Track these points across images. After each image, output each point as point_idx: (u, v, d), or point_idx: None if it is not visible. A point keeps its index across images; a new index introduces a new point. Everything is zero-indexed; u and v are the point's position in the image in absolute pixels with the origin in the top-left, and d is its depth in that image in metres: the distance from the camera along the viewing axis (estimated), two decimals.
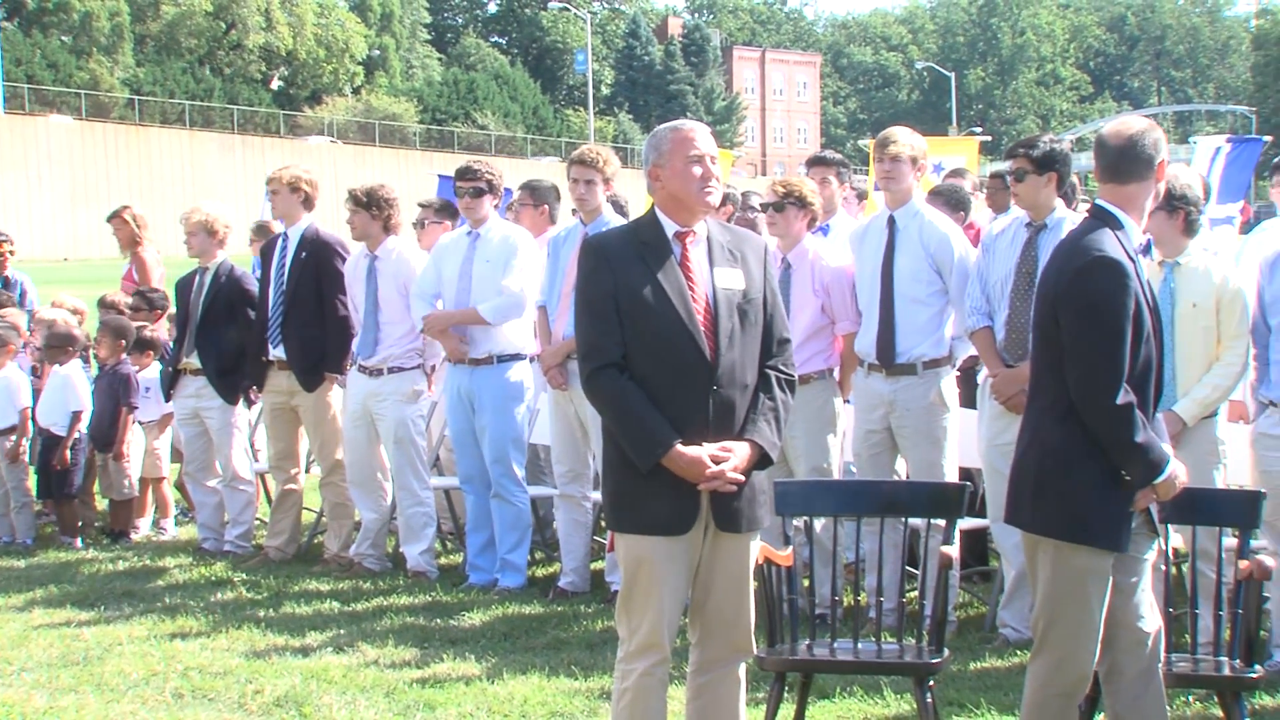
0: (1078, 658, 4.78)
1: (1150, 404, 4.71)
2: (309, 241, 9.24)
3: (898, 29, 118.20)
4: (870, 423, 7.61)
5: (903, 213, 7.55)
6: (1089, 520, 4.73)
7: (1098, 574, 4.74)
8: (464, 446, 8.76)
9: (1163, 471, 4.68)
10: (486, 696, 6.51)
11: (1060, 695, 4.81)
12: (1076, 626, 4.76)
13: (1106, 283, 4.66)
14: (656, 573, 4.75)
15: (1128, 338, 4.63)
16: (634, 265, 4.79)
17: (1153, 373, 4.71)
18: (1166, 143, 4.99)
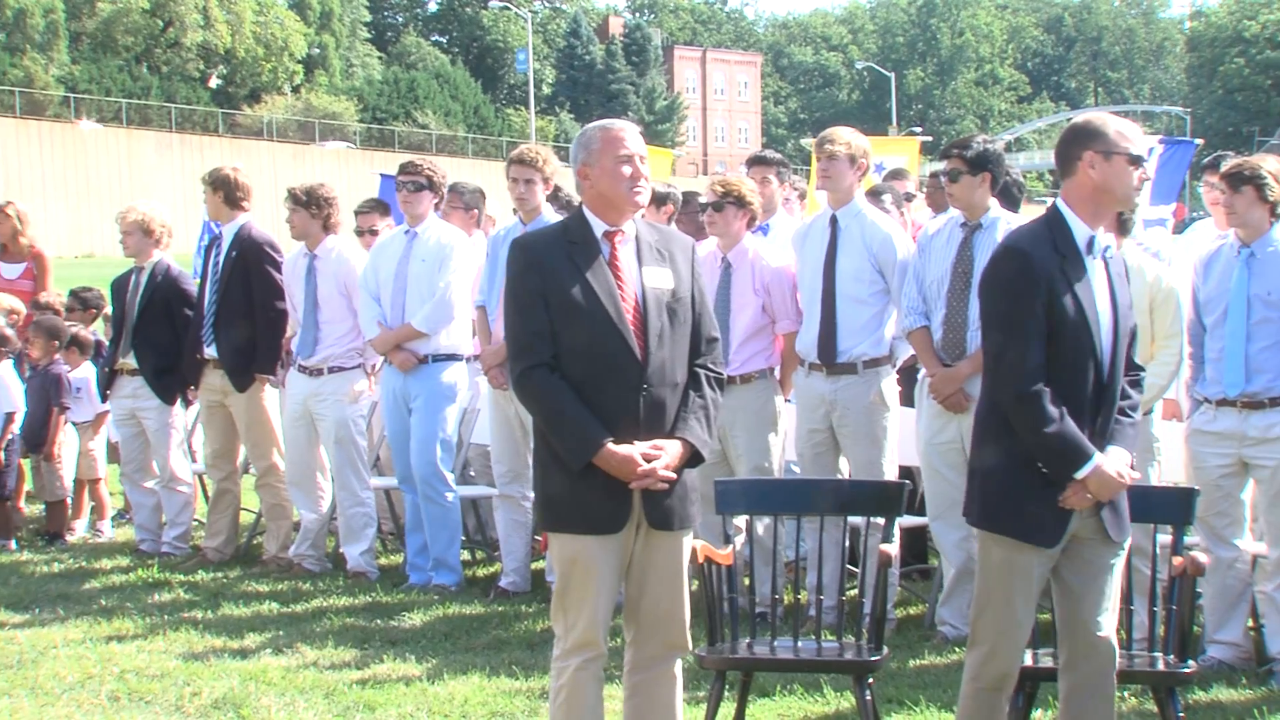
0: (1000, 652, 4.82)
1: (1088, 402, 4.70)
2: (241, 240, 9.19)
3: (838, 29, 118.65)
4: (812, 422, 7.63)
5: (845, 212, 7.58)
6: (1002, 511, 4.79)
7: (1018, 568, 4.76)
8: (401, 447, 8.73)
9: (1081, 467, 4.65)
10: (427, 697, 6.49)
11: (987, 689, 4.85)
12: (999, 620, 4.81)
13: (1006, 270, 4.73)
14: (590, 571, 4.77)
15: (1031, 328, 4.65)
16: (563, 264, 4.79)
17: (1088, 370, 4.69)
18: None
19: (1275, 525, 6.66)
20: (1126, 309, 4.79)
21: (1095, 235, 4.76)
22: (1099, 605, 4.81)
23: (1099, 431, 4.73)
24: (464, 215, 9.63)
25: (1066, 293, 4.67)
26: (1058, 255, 4.71)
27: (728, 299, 7.73)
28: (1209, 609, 6.86)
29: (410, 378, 8.60)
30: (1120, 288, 4.78)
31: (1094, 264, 4.74)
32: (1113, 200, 4.78)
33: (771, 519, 7.21)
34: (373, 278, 8.73)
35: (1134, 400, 4.84)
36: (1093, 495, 4.70)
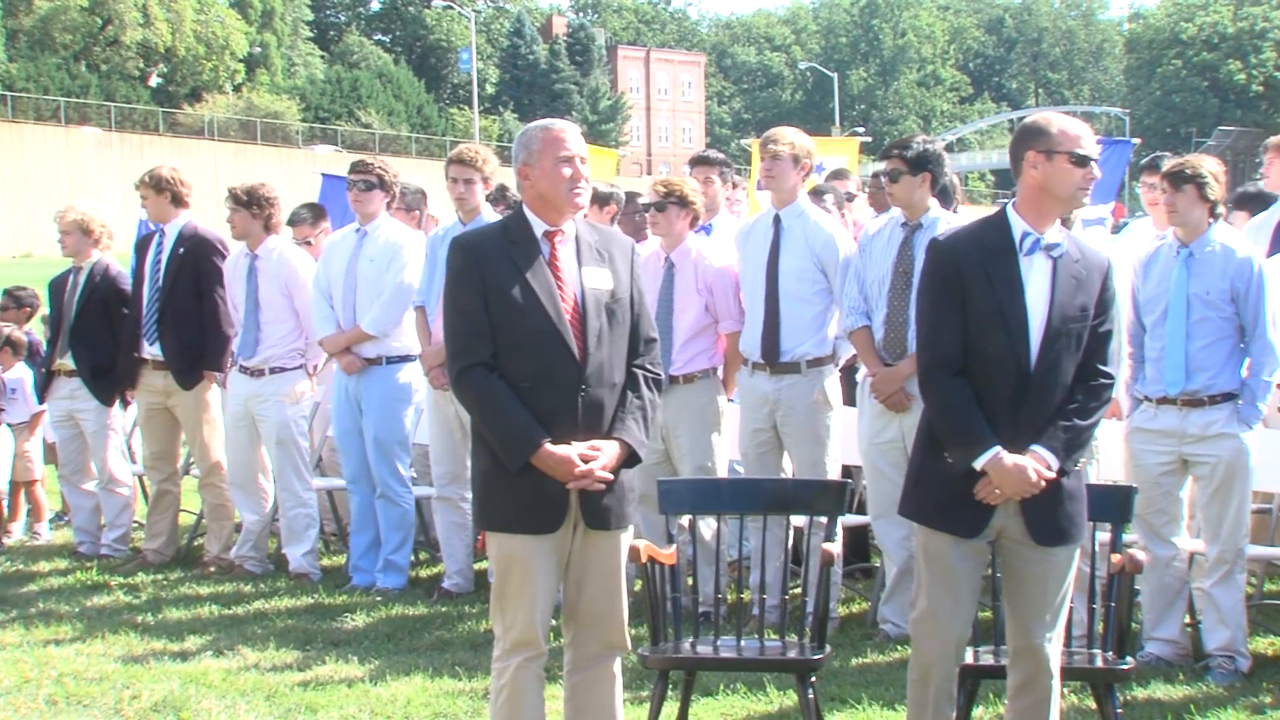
0: (923, 644, 4.88)
1: (1007, 397, 4.71)
2: (187, 238, 9.13)
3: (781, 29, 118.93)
4: (756, 421, 7.65)
5: (788, 212, 7.60)
6: (920, 498, 4.89)
7: (935, 555, 4.82)
8: (348, 447, 8.71)
9: (980, 457, 4.68)
10: (369, 698, 6.46)
11: (915, 681, 4.90)
12: (924, 609, 4.88)
13: (928, 265, 4.89)
14: (527, 570, 4.78)
15: (943, 317, 4.74)
16: (503, 264, 4.80)
17: (1009, 366, 4.70)
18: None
19: (1213, 523, 6.73)
20: (1076, 310, 4.76)
21: (1034, 234, 4.77)
22: (1033, 612, 4.81)
23: (1022, 428, 4.72)
24: (406, 216, 9.64)
25: (986, 289, 4.71)
26: (985, 252, 4.75)
27: (670, 299, 7.74)
28: (1147, 606, 6.92)
29: (365, 379, 8.59)
30: (1065, 287, 4.75)
31: (1032, 262, 4.76)
32: (1055, 200, 4.79)
33: (715, 518, 7.25)
34: (324, 277, 8.71)
35: (1086, 406, 4.79)
36: (1000, 490, 4.70)
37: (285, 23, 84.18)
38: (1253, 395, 6.68)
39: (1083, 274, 4.80)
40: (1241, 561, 6.76)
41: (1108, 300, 4.85)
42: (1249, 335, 6.68)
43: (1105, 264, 4.87)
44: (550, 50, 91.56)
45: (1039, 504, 4.75)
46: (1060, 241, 4.80)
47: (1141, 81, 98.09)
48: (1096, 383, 4.82)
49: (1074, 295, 4.77)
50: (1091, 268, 4.82)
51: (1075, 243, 4.88)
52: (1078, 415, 4.78)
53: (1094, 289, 4.81)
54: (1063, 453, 4.74)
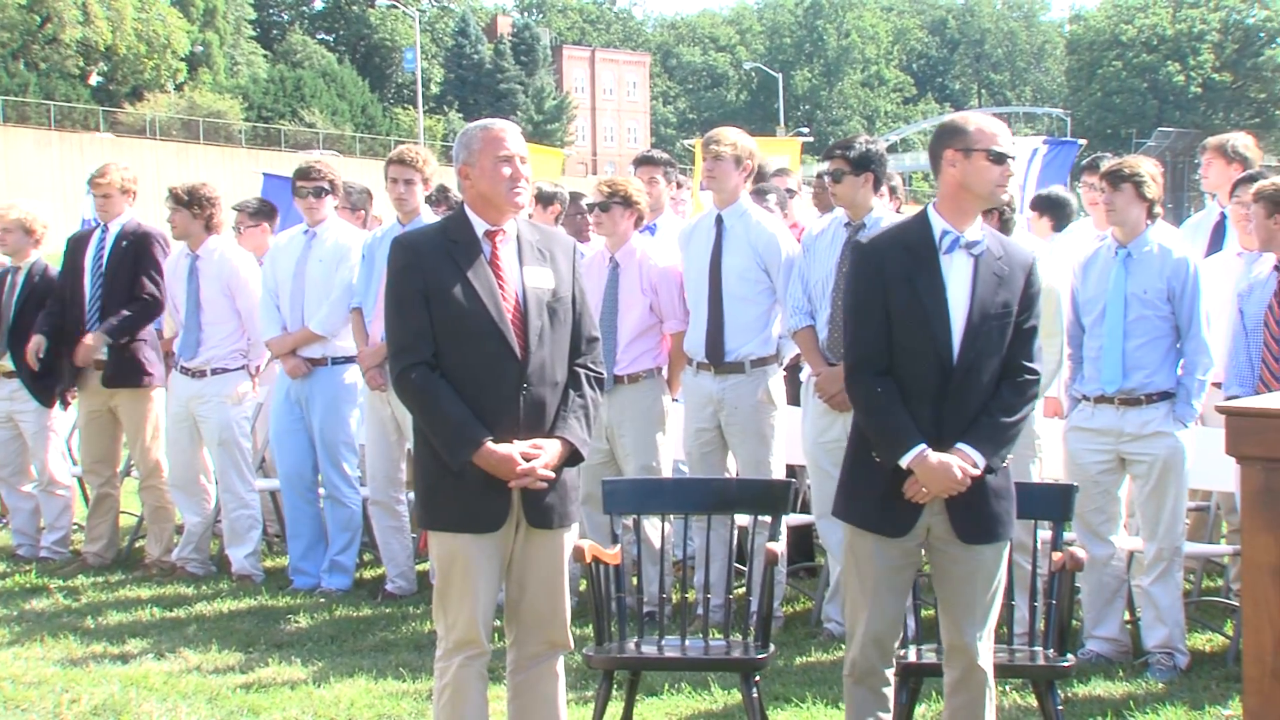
0: (851, 639, 4.91)
1: (931, 394, 4.73)
2: (130, 233, 9.07)
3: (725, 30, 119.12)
4: (700, 421, 7.66)
5: (730, 212, 7.62)
6: (848, 498, 4.92)
7: (862, 555, 4.85)
8: (284, 447, 8.68)
9: (905, 454, 4.70)
10: (312, 700, 6.43)
11: (848, 678, 4.93)
12: (849, 608, 4.93)
13: (852, 265, 5.02)
14: (469, 569, 4.78)
15: (867, 317, 4.79)
16: (444, 263, 4.80)
17: (931, 363, 4.72)
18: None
19: (1150, 521, 6.79)
20: (999, 307, 4.77)
21: (954, 232, 4.78)
22: (962, 610, 4.83)
23: (947, 426, 4.74)
24: (351, 215, 9.62)
25: (907, 287, 4.74)
26: (906, 251, 4.78)
27: (615, 298, 7.75)
28: (1087, 604, 6.97)
29: (310, 380, 8.57)
30: (986, 284, 4.76)
31: (953, 260, 4.78)
32: (973, 197, 4.81)
33: (660, 518, 7.25)
34: (271, 278, 8.67)
35: (1011, 402, 4.80)
36: (926, 489, 4.73)
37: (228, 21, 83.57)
38: (1188, 394, 6.75)
39: (1005, 271, 4.81)
40: (1179, 559, 6.83)
41: (1032, 296, 4.86)
42: (1184, 335, 6.75)
43: (1029, 260, 4.89)
44: (495, 50, 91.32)
45: (965, 502, 4.76)
46: (980, 239, 4.81)
47: (1082, 83, 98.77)
48: (1022, 379, 4.83)
49: (996, 292, 4.78)
50: (1014, 264, 4.84)
51: (998, 240, 4.89)
52: (1003, 412, 4.78)
53: (1017, 285, 4.82)
54: (988, 449, 4.75)
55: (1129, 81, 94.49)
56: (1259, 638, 3.87)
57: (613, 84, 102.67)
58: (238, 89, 76.07)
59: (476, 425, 4.73)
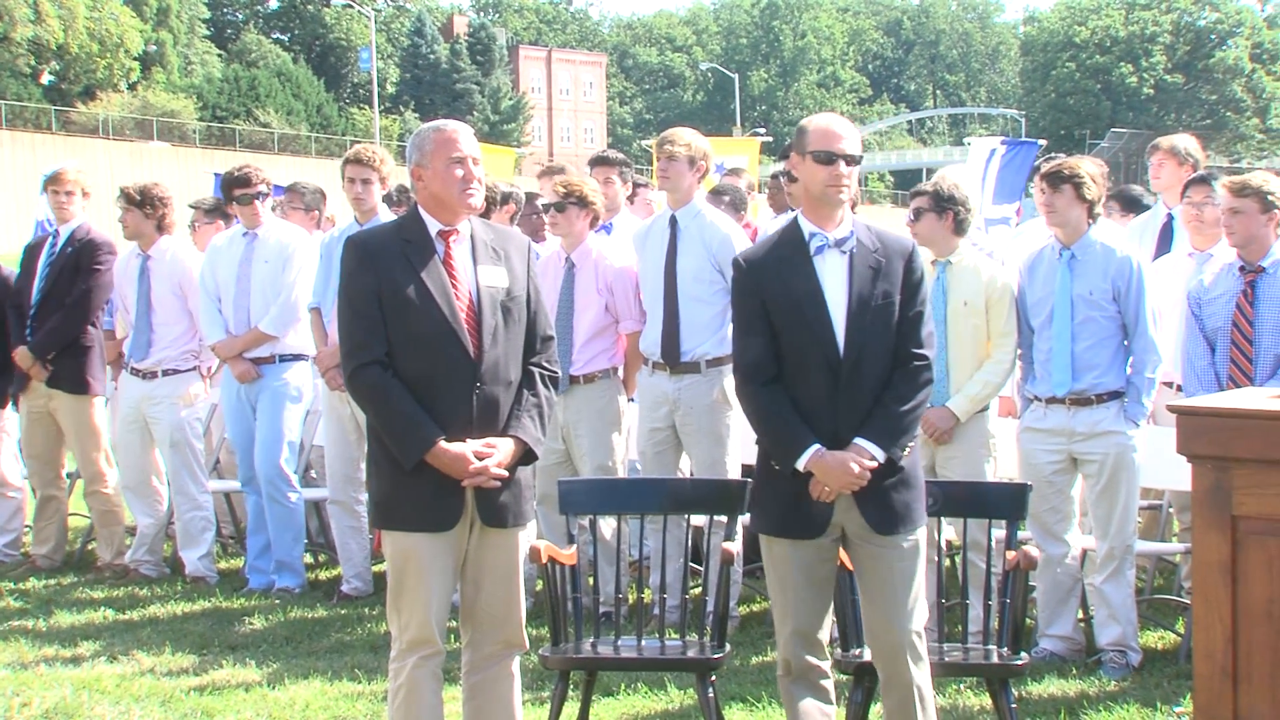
0: (779, 638, 4.92)
1: (823, 392, 4.75)
2: (78, 239, 9.00)
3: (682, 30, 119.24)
4: (655, 421, 7.67)
5: (684, 213, 7.63)
6: (759, 507, 4.97)
7: (780, 560, 4.88)
8: (244, 448, 8.64)
9: (800, 456, 4.72)
10: (267, 702, 6.40)
11: (780, 675, 4.96)
12: (775, 609, 4.95)
13: (732, 277, 5.00)
14: (423, 568, 4.78)
15: (748, 326, 4.84)
16: (397, 263, 4.80)
17: (819, 362, 4.75)
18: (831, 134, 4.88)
19: (1102, 520, 6.84)
20: (878, 297, 4.77)
21: (820, 233, 4.81)
22: (883, 604, 4.83)
23: (842, 422, 4.76)
24: (304, 216, 9.61)
25: (781, 289, 4.79)
26: (780, 261, 4.83)
27: (571, 299, 7.74)
28: (1041, 603, 7.01)
29: (257, 379, 8.50)
30: (863, 278, 4.78)
31: (825, 260, 4.81)
32: (812, 199, 4.86)
33: (616, 518, 7.25)
34: (211, 280, 8.61)
35: (901, 391, 4.79)
36: (827, 487, 4.74)
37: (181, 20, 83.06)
38: (1137, 393, 6.80)
39: (881, 262, 4.83)
40: (1131, 557, 6.87)
41: (915, 283, 4.86)
42: (1131, 334, 6.79)
43: (908, 248, 4.90)
44: (451, 50, 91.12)
45: (873, 494, 4.78)
46: (849, 235, 4.83)
47: (1037, 84, 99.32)
48: (913, 366, 4.83)
49: (874, 284, 4.79)
50: (892, 254, 4.85)
51: (873, 233, 4.89)
52: (897, 401, 4.80)
53: (897, 274, 4.83)
54: (886, 441, 4.76)
55: (1083, 83, 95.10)
56: (1209, 635, 3.90)
57: (569, 84, 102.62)
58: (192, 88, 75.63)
59: (429, 424, 4.73)
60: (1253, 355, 6.63)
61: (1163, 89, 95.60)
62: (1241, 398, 4.63)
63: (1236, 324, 6.67)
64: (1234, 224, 6.70)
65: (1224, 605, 3.87)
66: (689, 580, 7.58)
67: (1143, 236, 8.57)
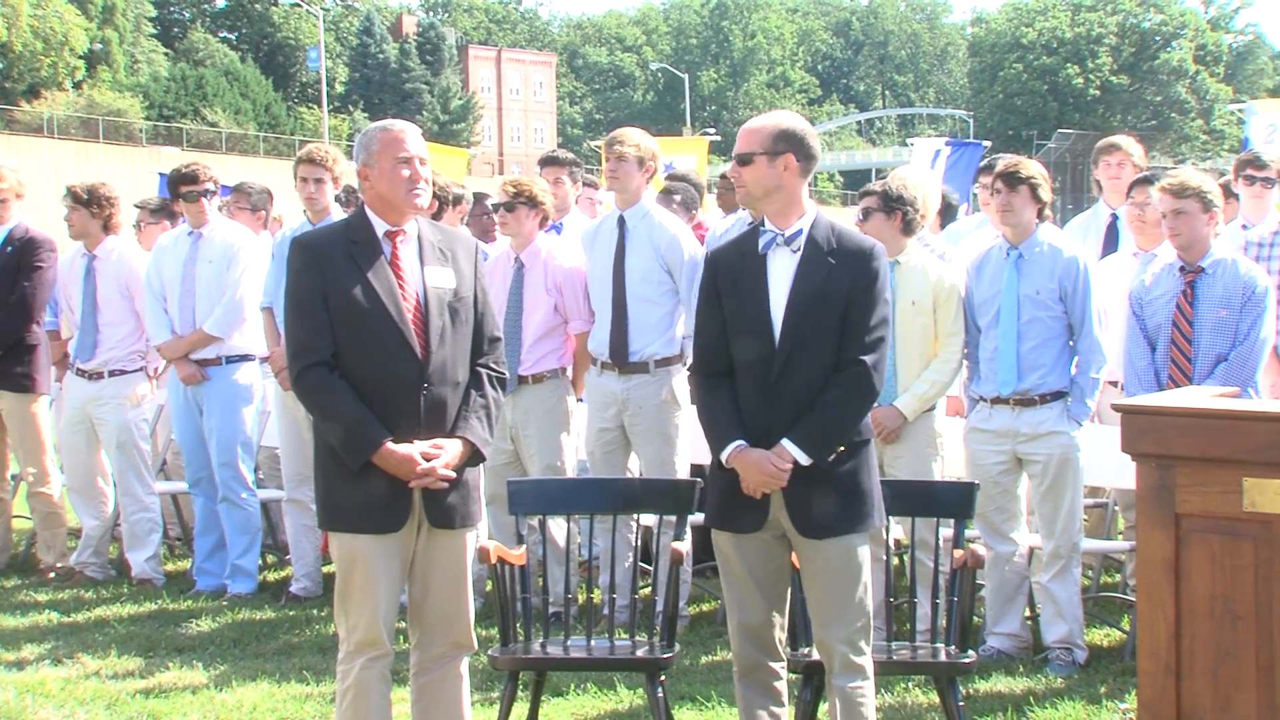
0: (733, 640, 4.92)
1: (761, 390, 4.76)
2: (16, 238, 8.91)
3: (632, 30, 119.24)
4: (603, 421, 7.67)
5: (632, 213, 7.63)
6: (708, 497, 5.01)
7: (723, 553, 4.92)
8: (191, 449, 8.59)
9: (723, 450, 4.78)
10: (214, 705, 6.37)
11: (736, 675, 4.96)
12: (727, 606, 4.94)
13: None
14: (371, 570, 4.76)
15: (701, 320, 4.93)
16: (344, 264, 4.79)
17: (758, 359, 4.76)
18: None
19: (1048, 519, 6.88)
20: (821, 299, 4.74)
21: (773, 230, 4.84)
22: (815, 605, 4.85)
23: (778, 420, 4.74)
24: (250, 216, 9.57)
25: (730, 287, 4.84)
26: (738, 257, 4.89)
27: (520, 299, 7.74)
28: (989, 601, 7.05)
29: (204, 381, 8.45)
30: (808, 277, 4.76)
31: (774, 257, 4.82)
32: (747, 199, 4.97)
33: (565, 518, 7.25)
34: (156, 280, 8.55)
35: (837, 394, 4.73)
36: (747, 483, 4.77)
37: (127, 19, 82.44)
38: (1082, 393, 6.85)
39: (834, 262, 4.78)
40: (1077, 555, 6.92)
41: (868, 285, 4.78)
42: (1077, 334, 6.84)
43: (866, 249, 4.83)
44: (400, 49, 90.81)
45: (799, 497, 4.75)
46: (800, 232, 4.81)
47: (985, 84, 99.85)
48: (850, 371, 4.75)
49: (822, 283, 4.75)
50: (848, 255, 4.79)
51: (834, 232, 4.85)
52: (829, 405, 4.74)
53: (849, 275, 4.76)
54: (810, 444, 4.71)
55: (1030, 84, 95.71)
56: (1153, 632, 3.94)
57: (519, 84, 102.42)
58: (138, 87, 75.08)
59: (376, 425, 4.72)
60: (1192, 355, 6.69)
61: (1109, 90, 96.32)
62: (1185, 396, 4.68)
63: (1176, 324, 6.73)
64: (1178, 225, 6.73)
65: (1167, 602, 3.91)
66: (638, 580, 7.57)
67: (1086, 236, 8.63)
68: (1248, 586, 3.81)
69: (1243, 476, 3.80)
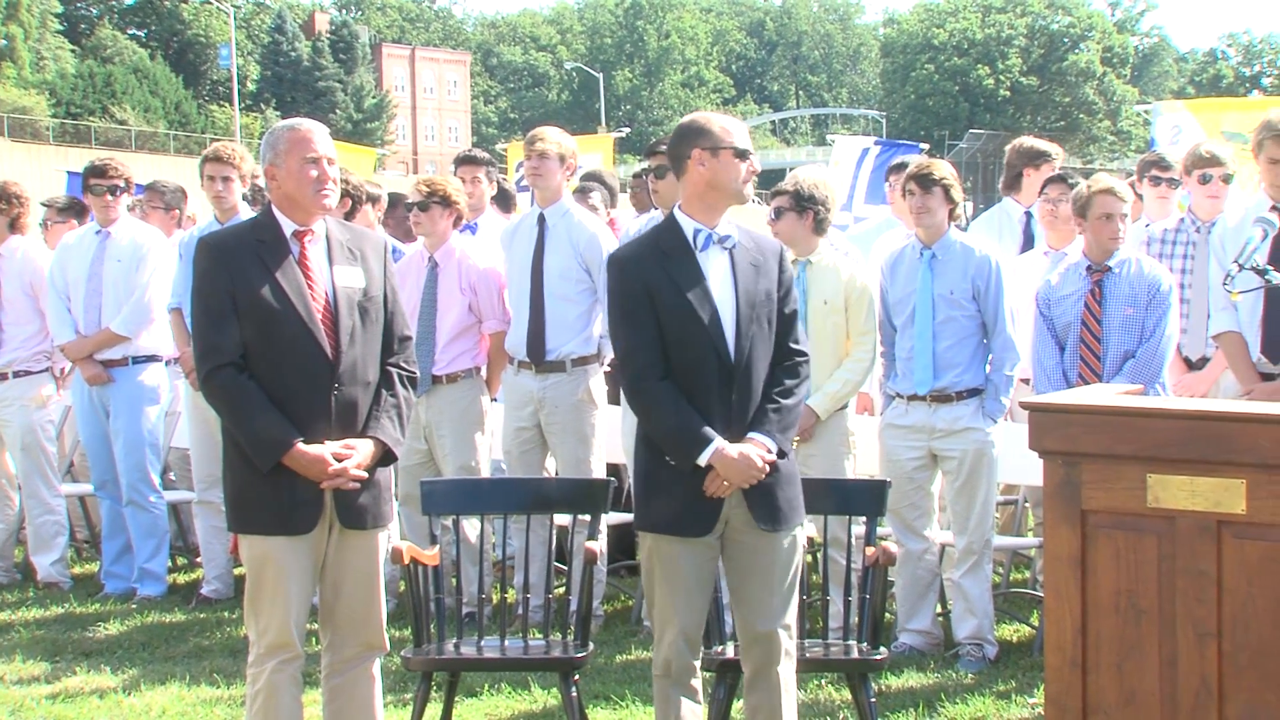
0: (663, 640, 4.87)
1: (715, 390, 4.75)
2: None
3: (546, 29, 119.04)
4: (520, 420, 7.66)
5: (552, 211, 7.62)
6: (642, 505, 4.88)
7: (667, 558, 4.82)
8: (97, 451, 8.48)
9: (702, 453, 4.71)
10: (122, 709, 6.29)
11: (659, 676, 4.92)
12: (657, 610, 4.89)
13: (609, 280, 4.91)
14: (281, 572, 4.73)
15: (632, 325, 4.78)
16: (251, 264, 4.74)
17: (710, 360, 4.74)
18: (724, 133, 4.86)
19: (961, 515, 6.95)
20: (761, 296, 4.82)
21: (706, 230, 4.82)
22: (762, 600, 4.85)
23: (735, 418, 4.78)
24: (164, 215, 9.47)
25: (670, 287, 4.77)
26: (665, 257, 4.81)
27: (434, 298, 7.71)
28: (901, 598, 7.11)
29: (110, 382, 8.35)
30: (746, 276, 4.81)
31: (709, 257, 4.82)
32: (723, 195, 4.85)
33: (479, 518, 7.23)
34: (61, 279, 8.45)
35: (788, 385, 4.85)
36: (728, 482, 4.75)
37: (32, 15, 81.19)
38: (995, 390, 6.93)
39: (760, 260, 4.87)
40: (988, 552, 6.99)
41: (788, 281, 4.92)
42: (990, 332, 6.92)
43: (777, 247, 4.97)
44: (313, 47, 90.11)
45: (760, 490, 4.79)
46: (732, 233, 4.85)
47: (897, 85, 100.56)
48: (792, 361, 4.90)
49: (756, 282, 4.83)
50: (766, 253, 4.90)
51: (745, 232, 4.93)
52: (783, 396, 4.84)
53: (773, 273, 4.88)
54: (777, 434, 4.80)
55: (941, 84, 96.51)
56: (1060, 627, 3.99)
57: (433, 83, 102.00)
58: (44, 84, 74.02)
59: (286, 427, 4.68)
60: (1101, 353, 6.77)
61: (1018, 91, 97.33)
62: (1090, 394, 4.75)
63: (1085, 323, 6.81)
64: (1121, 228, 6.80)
65: (1074, 598, 3.97)
66: (553, 580, 7.57)
67: (1001, 235, 8.72)
68: (1151, 581, 3.87)
69: (1146, 473, 3.86)
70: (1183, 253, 7.43)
